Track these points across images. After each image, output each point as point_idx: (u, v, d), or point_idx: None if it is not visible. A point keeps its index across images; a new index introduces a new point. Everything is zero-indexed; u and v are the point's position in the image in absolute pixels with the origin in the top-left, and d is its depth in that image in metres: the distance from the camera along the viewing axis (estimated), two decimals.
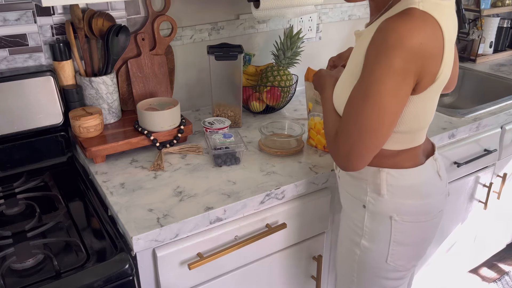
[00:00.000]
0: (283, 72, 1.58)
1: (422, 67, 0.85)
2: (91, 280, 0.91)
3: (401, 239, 1.03)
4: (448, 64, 0.90)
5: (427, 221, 1.04)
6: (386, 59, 0.83)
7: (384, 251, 1.04)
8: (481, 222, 1.95)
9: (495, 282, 2.18)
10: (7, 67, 1.27)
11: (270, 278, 1.29)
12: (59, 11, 1.29)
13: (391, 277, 1.08)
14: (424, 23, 0.83)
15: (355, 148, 0.90)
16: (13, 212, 1.14)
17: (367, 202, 1.03)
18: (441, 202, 1.06)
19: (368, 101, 0.86)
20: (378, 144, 0.91)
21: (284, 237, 1.24)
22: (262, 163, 1.27)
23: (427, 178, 1.02)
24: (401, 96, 0.86)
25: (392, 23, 0.83)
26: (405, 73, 0.84)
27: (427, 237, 1.07)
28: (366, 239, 1.05)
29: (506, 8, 2.35)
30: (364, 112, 0.87)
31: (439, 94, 0.98)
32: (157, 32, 1.43)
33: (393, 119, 0.88)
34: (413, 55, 0.82)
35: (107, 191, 1.15)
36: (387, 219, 1.02)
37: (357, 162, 0.92)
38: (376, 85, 0.85)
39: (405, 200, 1.00)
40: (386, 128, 0.89)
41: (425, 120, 0.98)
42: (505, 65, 2.25)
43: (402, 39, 0.81)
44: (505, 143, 1.78)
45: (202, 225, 1.06)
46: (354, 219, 1.08)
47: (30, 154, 1.29)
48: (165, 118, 1.31)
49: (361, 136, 0.89)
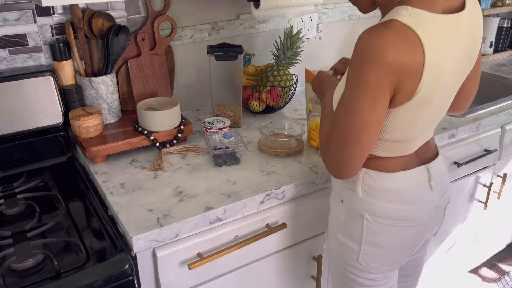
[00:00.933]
0: (283, 72, 1.58)
1: (397, 82, 0.83)
2: (91, 280, 0.91)
3: (374, 240, 1.02)
4: (432, 80, 0.85)
5: (405, 227, 1.01)
6: (362, 73, 0.83)
7: (356, 249, 1.04)
8: (481, 222, 1.95)
9: (495, 282, 2.18)
10: (7, 67, 1.27)
11: (270, 278, 1.29)
12: (59, 11, 1.29)
13: (362, 277, 1.07)
14: (401, 37, 0.81)
15: (341, 158, 0.92)
16: (13, 212, 1.14)
17: (344, 197, 1.05)
18: (425, 212, 1.02)
19: (348, 114, 0.87)
20: (362, 153, 0.91)
21: (284, 237, 1.24)
22: (262, 163, 1.27)
23: (410, 185, 1.00)
24: (379, 109, 0.86)
25: (369, 35, 0.82)
26: (380, 88, 0.83)
27: (406, 244, 1.05)
28: (341, 233, 1.07)
29: (506, 8, 2.35)
30: (345, 124, 0.88)
31: (429, 109, 0.92)
32: (157, 32, 1.43)
33: (373, 130, 0.88)
34: (387, 70, 0.81)
35: (107, 191, 1.15)
36: (359, 217, 1.02)
37: (345, 171, 0.93)
38: (353, 98, 0.86)
39: (379, 201, 0.99)
40: (367, 139, 0.88)
41: (412, 132, 0.95)
42: (505, 65, 2.25)
43: (376, 53, 0.81)
44: (505, 143, 1.78)
45: (202, 225, 1.06)
46: (333, 212, 1.11)
47: (30, 154, 1.29)
48: (165, 118, 1.31)
49: (345, 146, 0.90)
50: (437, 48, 0.83)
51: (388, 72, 0.81)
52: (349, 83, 0.87)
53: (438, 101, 0.92)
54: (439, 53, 0.84)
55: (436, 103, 0.92)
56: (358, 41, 0.84)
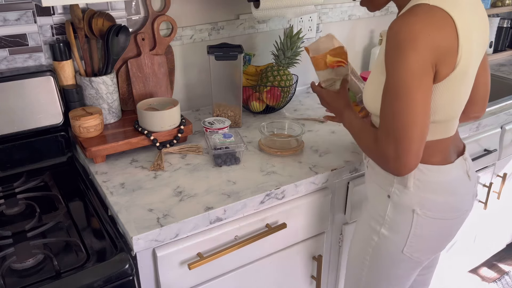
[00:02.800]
0: (283, 72, 1.58)
1: (437, 58, 0.88)
2: (91, 280, 0.91)
3: (421, 233, 1.05)
4: (468, 52, 0.91)
5: (452, 219, 1.06)
6: (402, 58, 0.87)
7: (402, 242, 1.06)
8: (481, 222, 1.95)
9: (495, 282, 2.18)
10: (7, 67, 1.27)
11: (270, 278, 1.29)
12: (59, 11, 1.29)
13: (403, 267, 1.10)
14: (431, 17, 0.86)
15: (401, 146, 0.91)
16: (13, 212, 1.14)
17: (392, 192, 1.05)
18: (468, 201, 1.08)
19: (398, 100, 0.89)
20: (421, 135, 0.91)
21: (284, 237, 1.24)
22: (262, 163, 1.27)
23: (456, 177, 1.04)
24: (425, 87, 0.89)
25: (401, 22, 0.87)
26: (423, 67, 0.87)
27: (449, 234, 1.10)
28: (386, 228, 1.07)
29: (506, 8, 2.35)
30: (397, 110, 0.90)
31: (466, 85, 0.98)
32: (157, 32, 1.43)
33: (425, 109, 0.90)
34: (425, 49, 0.86)
35: (107, 191, 1.15)
36: (409, 211, 1.03)
37: (408, 159, 0.91)
38: (400, 84, 0.88)
39: (430, 195, 1.02)
40: (422, 118, 0.90)
41: (454, 109, 0.99)
42: (505, 65, 2.25)
43: (411, 37, 0.85)
44: (505, 143, 1.78)
45: (202, 225, 1.06)
46: (377, 207, 1.10)
47: (30, 154, 1.29)
48: (165, 118, 1.31)
49: (402, 132, 0.90)
50: (465, 23, 0.89)
51: (427, 50, 0.86)
52: (391, 71, 0.90)
53: (470, 74, 0.97)
54: (468, 28, 0.90)
55: (469, 77, 0.97)
56: (389, 30, 0.89)
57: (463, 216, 1.08)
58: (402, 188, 1.03)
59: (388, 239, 1.08)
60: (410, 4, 0.92)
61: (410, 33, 0.85)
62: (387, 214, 1.07)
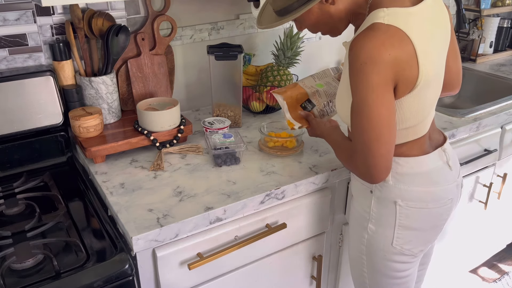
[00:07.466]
0: (283, 72, 1.58)
1: (398, 73, 0.91)
2: (91, 280, 0.91)
3: (407, 224, 1.07)
4: (429, 63, 0.94)
5: (435, 208, 1.08)
6: (363, 77, 0.90)
7: (389, 235, 1.09)
8: (481, 222, 1.95)
9: (495, 282, 2.18)
10: (7, 67, 1.27)
11: (270, 278, 1.29)
12: (59, 11, 1.29)
13: (398, 260, 1.12)
14: (389, 35, 0.89)
15: (369, 161, 0.95)
16: (13, 212, 1.14)
17: (373, 188, 1.09)
18: (451, 191, 1.10)
19: (363, 118, 0.93)
20: (387, 150, 0.95)
21: (284, 237, 1.24)
22: (262, 163, 1.27)
23: (434, 167, 1.07)
24: (388, 103, 0.92)
25: (360, 41, 0.90)
26: (384, 85, 0.90)
27: (436, 224, 1.11)
28: (373, 223, 1.10)
29: (506, 8, 2.35)
30: (364, 128, 0.94)
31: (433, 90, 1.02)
32: (157, 32, 1.43)
33: (390, 124, 0.94)
34: (386, 68, 0.89)
35: (107, 191, 1.15)
36: (392, 204, 1.07)
37: (377, 172, 0.96)
38: (364, 103, 0.92)
39: (409, 186, 1.05)
40: (387, 134, 0.94)
41: (423, 114, 1.02)
42: (505, 65, 2.25)
43: (371, 58, 0.88)
44: (505, 143, 1.78)
45: (202, 225, 1.06)
46: (362, 204, 1.13)
47: (30, 154, 1.29)
48: (165, 118, 1.31)
49: (370, 148, 0.94)
50: (420, 36, 0.92)
51: (388, 70, 0.89)
52: (354, 90, 0.93)
53: (435, 79, 1.00)
54: (423, 39, 0.92)
55: (434, 82, 1.00)
56: (350, 49, 0.92)
57: (449, 205, 1.10)
58: (383, 183, 1.06)
59: (376, 233, 1.10)
60: (366, 23, 0.94)
61: (370, 55, 0.88)
62: (371, 209, 1.10)
